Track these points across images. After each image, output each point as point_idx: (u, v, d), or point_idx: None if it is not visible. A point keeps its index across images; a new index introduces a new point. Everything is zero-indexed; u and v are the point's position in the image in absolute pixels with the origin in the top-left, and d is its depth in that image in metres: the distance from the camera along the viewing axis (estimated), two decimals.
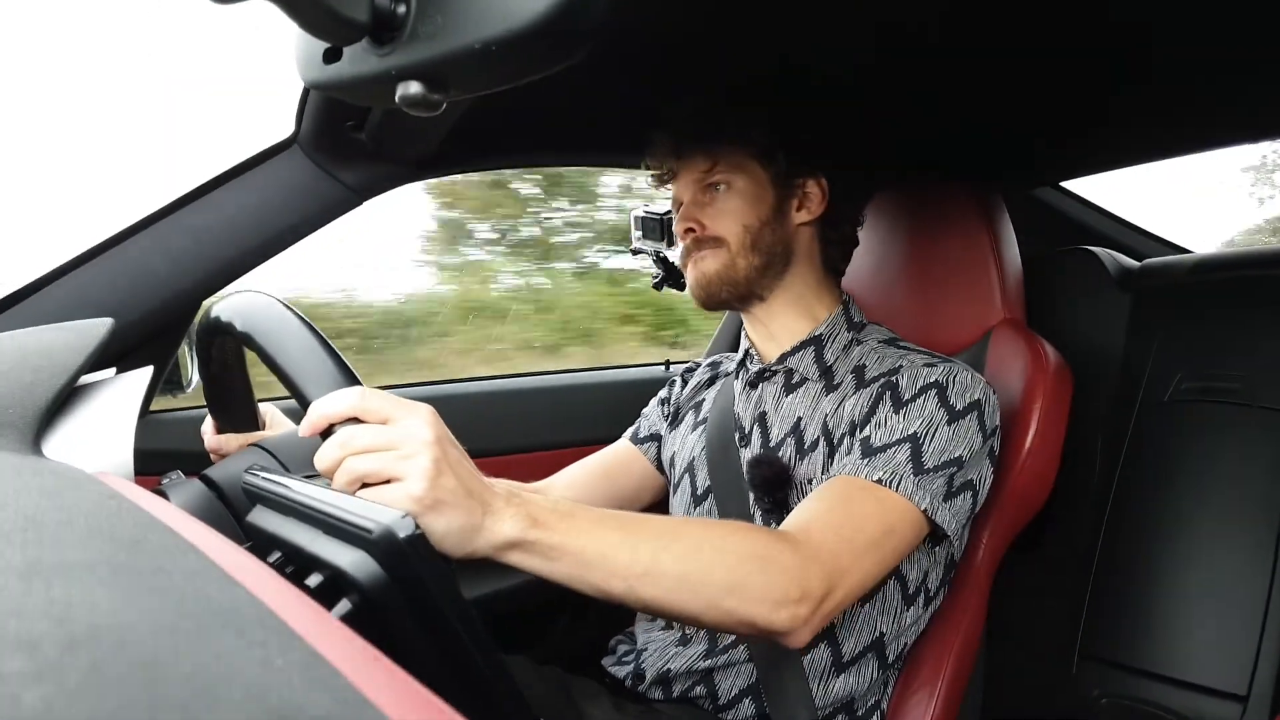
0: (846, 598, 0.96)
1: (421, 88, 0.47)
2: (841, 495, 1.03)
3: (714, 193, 1.25)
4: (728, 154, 1.24)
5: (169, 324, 1.20)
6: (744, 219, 1.23)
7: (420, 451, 0.72)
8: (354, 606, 0.60)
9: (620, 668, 1.27)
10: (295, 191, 1.24)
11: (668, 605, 0.86)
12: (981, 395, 1.12)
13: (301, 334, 0.75)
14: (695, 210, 1.25)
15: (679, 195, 1.29)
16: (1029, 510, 1.30)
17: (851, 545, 0.96)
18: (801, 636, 0.91)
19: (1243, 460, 1.34)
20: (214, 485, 0.88)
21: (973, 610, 1.25)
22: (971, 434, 1.09)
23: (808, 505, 1.02)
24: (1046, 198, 1.90)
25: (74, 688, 0.24)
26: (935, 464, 1.05)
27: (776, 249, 1.25)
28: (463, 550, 0.75)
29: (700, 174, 1.25)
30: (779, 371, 1.28)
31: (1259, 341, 1.39)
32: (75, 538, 0.41)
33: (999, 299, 1.40)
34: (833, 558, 0.94)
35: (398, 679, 0.32)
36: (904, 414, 1.09)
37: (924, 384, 1.12)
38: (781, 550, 0.91)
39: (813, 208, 1.27)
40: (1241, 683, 1.25)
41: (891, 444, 1.06)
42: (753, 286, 1.25)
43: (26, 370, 0.79)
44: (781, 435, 1.23)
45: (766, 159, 1.24)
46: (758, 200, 1.24)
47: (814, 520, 0.98)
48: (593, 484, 1.41)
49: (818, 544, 0.94)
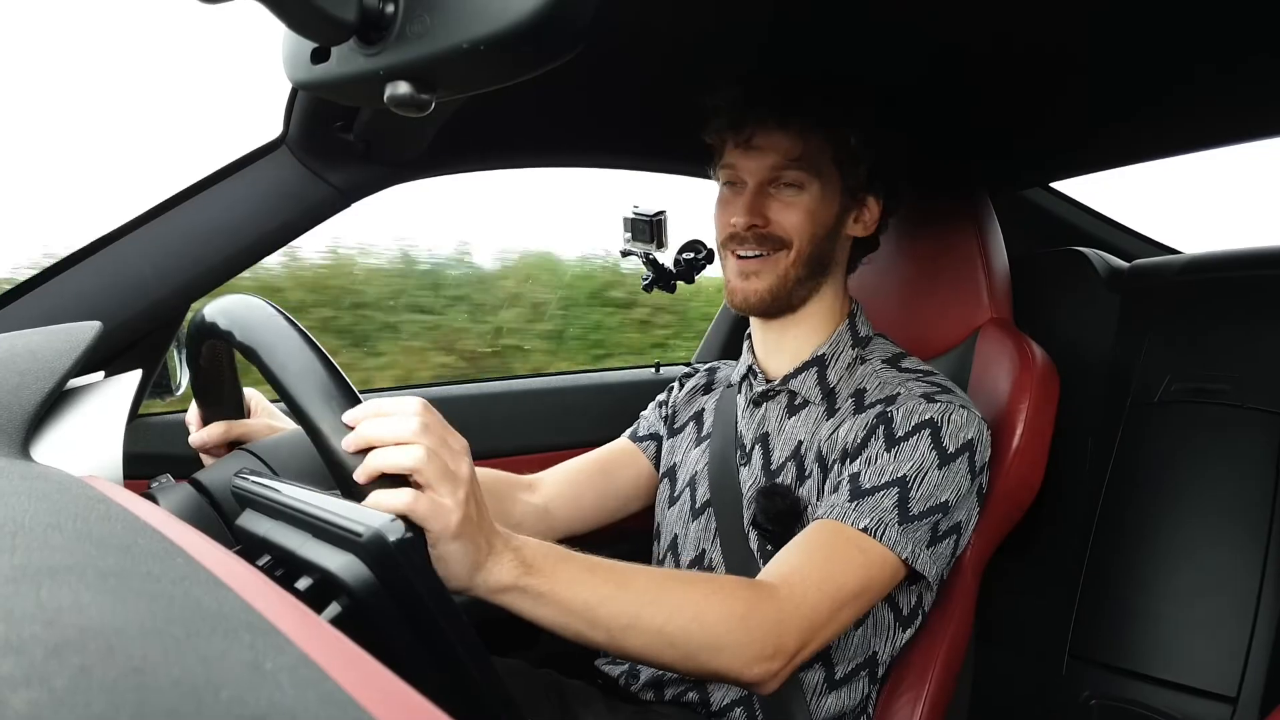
0: (818, 649, 0.99)
1: (410, 88, 0.47)
2: (826, 544, 1.03)
3: (783, 189, 1.18)
4: (816, 147, 1.17)
5: (158, 327, 1.20)
6: (813, 226, 1.18)
7: (463, 473, 0.74)
8: (343, 610, 0.60)
9: (614, 667, 1.27)
10: (283, 193, 1.23)
11: (647, 656, 0.89)
12: (975, 434, 1.11)
13: (292, 338, 0.74)
14: (762, 202, 1.18)
15: (743, 171, 1.19)
16: (1017, 511, 1.30)
17: (831, 600, 0.98)
18: (770, 687, 0.94)
19: (1232, 461, 1.35)
20: (203, 489, 0.87)
21: (959, 613, 1.25)
22: (960, 477, 1.09)
23: (793, 552, 1.03)
24: (1035, 198, 1.90)
25: (62, 691, 0.23)
26: (921, 510, 1.05)
27: (825, 259, 1.22)
28: (458, 583, 0.76)
29: (781, 159, 1.17)
30: (782, 392, 1.26)
31: (1249, 342, 1.39)
32: (63, 541, 0.41)
33: (986, 299, 1.40)
34: (811, 613, 0.96)
35: (387, 682, 0.32)
36: (895, 454, 1.08)
37: (918, 422, 1.10)
38: (761, 608, 0.93)
39: (868, 223, 1.25)
40: (1231, 684, 1.25)
41: (880, 487, 1.06)
42: (792, 298, 1.22)
43: (14, 373, 0.78)
44: (782, 459, 1.22)
45: (850, 165, 1.20)
46: (825, 208, 1.19)
47: (797, 571, 0.99)
48: (590, 480, 1.40)
49: (799, 599, 0.95)
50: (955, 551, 1.13)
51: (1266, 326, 1.38)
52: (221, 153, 1.22)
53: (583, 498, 1.37)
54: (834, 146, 1.18)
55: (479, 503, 0.76)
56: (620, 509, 1.41)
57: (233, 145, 1.23)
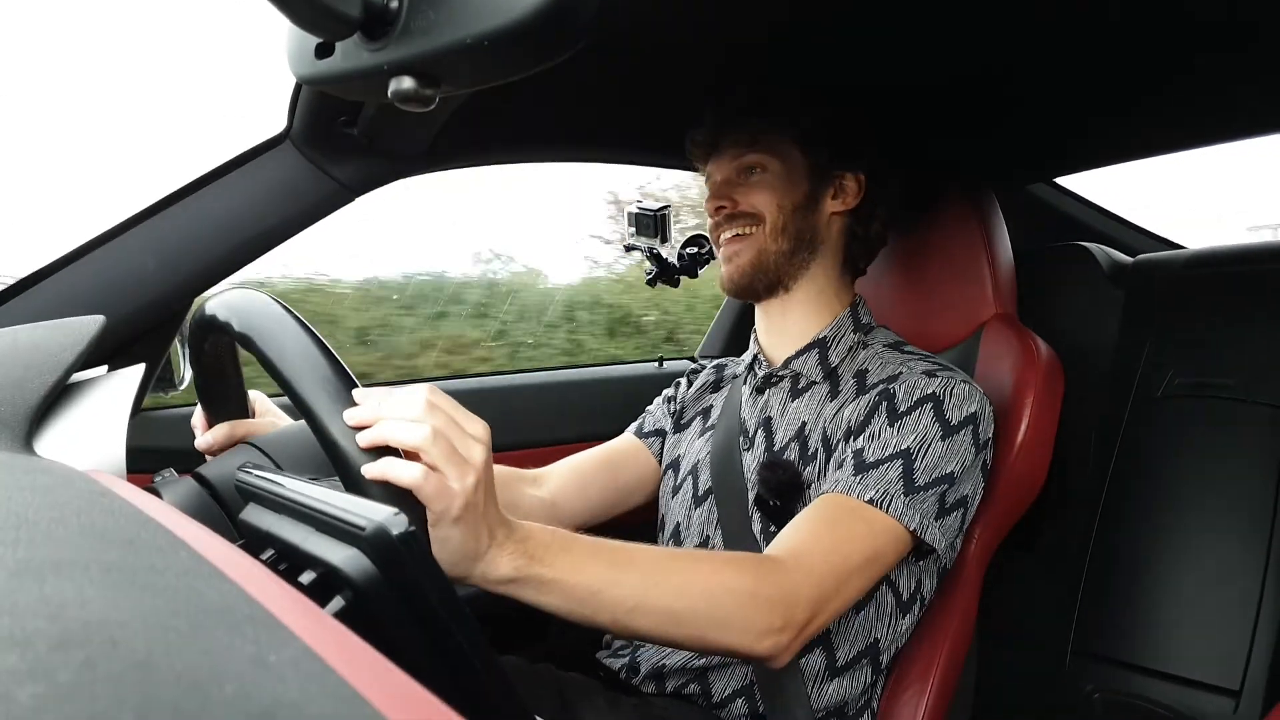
0: (828, 621, 0.99)
1: (414, 83, 0.47)
2: (831, 517, 1.04)
3: (749, 175, 1.26)
4: (769, 136, 1.25)
5: (161, 321, 1.20)
6: (778, 198, 1.24)
7: (474, 459, 0.74)
8: (347, 603, 0.59)
9: (615, 659, 1.27)
10: (287, 187, 1.23)
11: (654, 636, 0.89)
12: (978, 408, 1.12)
13: (296, 332, 0.74)
14: (728, 188, 1.26)
15: (714, 173, 1.29)
16: (1021, 505, 1.30)
17: (838, 571, 0.98)
18: (782, 660, 0.94)
19: (1236, 455, 1.35)
20: (207, 483, 0.87)
21: (964, 607, 1.25)
22: (965, 449, 1.10)
23: (798, 526, 1.03)
24: (1040, 193, 1.90)
25: (66, 686, 0.23)
26: (927, 481, 1.06)
27: (805, 234, 1.26)
28: (455, 570, 0.76)
29: (739, 151, 1.25)
30: (785, 376, 1.29)
31: (1252, 337, 1.39)
32: (67, 536, 0.41)
33: (991, 294, 1.40)
34: (819, 584, 0.96)
35: (392, 675, 0.32)
36: (898, 427, 1.10)
37: (920, 396, 1.12)
38: (769, 581, 0.93)
39: (847, 199, 1.28)
40: (1234, 677, 1.25)
41: (884, 460, 1.07)
42: (780, 274, 1.26)
43: (17, 368, 0.79)
44: (785, 440, 1.23)
45: (808, 145, 1.25)
46: (792, 184, 1.25)
47: (803, 543, 1.00)
48: (594, 474, 1.41)
49: (806, 569, 0.96)
50: (963, 525, 1.13)
51: (1270, 322, 1.38)
52: (226, 147, 1.22)
53: (588, 492, 1.38)
54: (790, 127, 1.25)
55: (489, 491, 0.76)
56: (623, 502, 1.43)
57: (237, 140, 1.23)
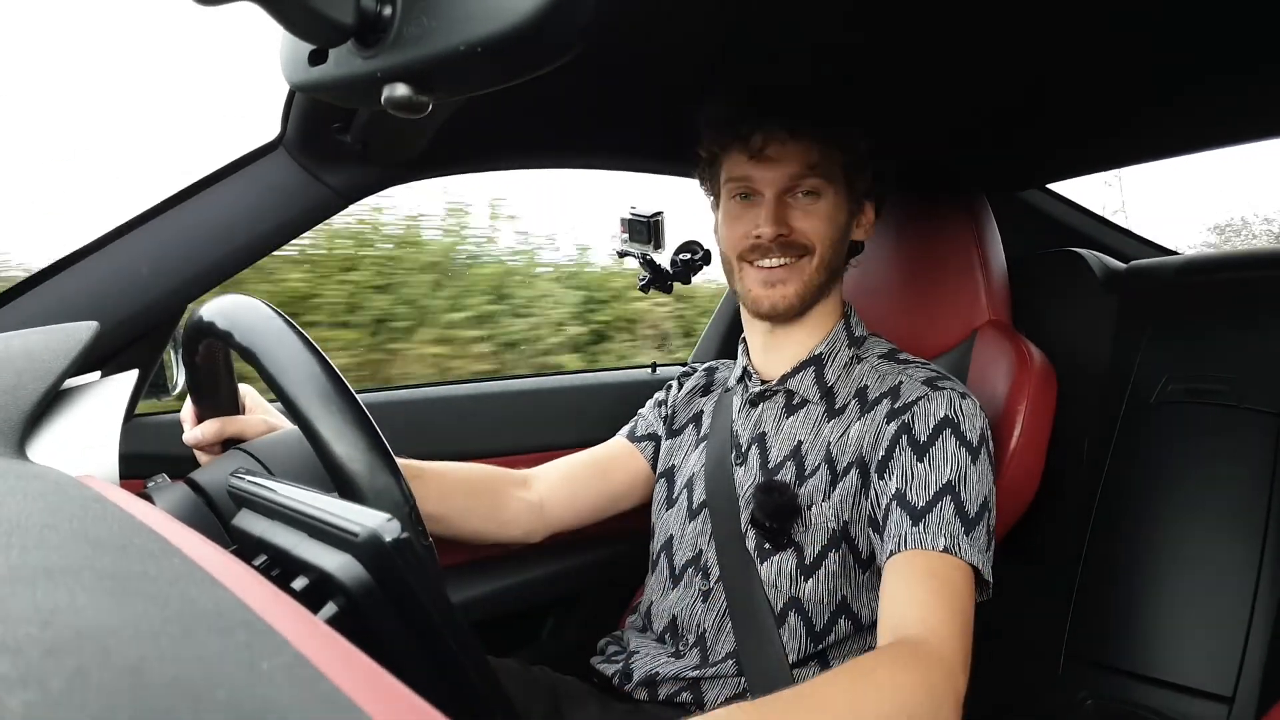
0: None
1: (408, 90, 0.47)
2: (928, 578, 1.01)
3: (801, 198, 1.19)
4: (829, 158, 1.19)
5: (154, 327, 1.20)
6: (828, 230, 1.20)
7: None
8: (340, 610, 0.59)
9: (609, 665, 1.26)
10: (280, 194, 1.23)
11: None
12: (984, 423, 1.13)
13: (289, 339, 0.74)
14: (785, 211, 1.18)
15: (759, 184, 1.19)
16: (1014, 512, 1.30)
17: (964, 627, 0.98)
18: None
19: (1229, 461, 1.35)
20: (199, 489, 0.87)
21: None
22: (987, 468, 1.10)
23: (907, 599, 1.00)
24: (1033, 200, 1.90)
25: (58, 693, 0.23)
26: (975, 512, 1.05)
27: (837, 266, 1.24)
28: None
29: (799, 168, 1.18)
30: (779, 392, 1.27)
31: (1245, 344, 1.39)
32: (59, 542, 0.41)
33: (984, 300, 1.40)
34: (962, 646, 0.96)
35: (384, 682, 0.32)
36: (929, 461, 1.08)
37: (937, 422, 1.10)
38: (931, 669, 0.91)
39: (866, 228, 1.27)
40: (1227, 684, 1.25)
41: (932, 499, 1.05)
42: (810, 304, 1.24)
43: (10, 373, 0.78)
44: (780, 458, 1.22)
45: (857, 171, 1.22)
46: (838, 215, 1.21)
47: (925, 616, 0.97)
48: (586, 478, 1.40)
49: (942, 637, 0.95)
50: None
51: (1263, 328, 1.39)
52: (219, 154, 1.22)
53: (578, 495, 1.38)
54: (844, 153, 1.20)
55: None
56: (613, 507, 1.42)
57: (231, 146, 1.23)
